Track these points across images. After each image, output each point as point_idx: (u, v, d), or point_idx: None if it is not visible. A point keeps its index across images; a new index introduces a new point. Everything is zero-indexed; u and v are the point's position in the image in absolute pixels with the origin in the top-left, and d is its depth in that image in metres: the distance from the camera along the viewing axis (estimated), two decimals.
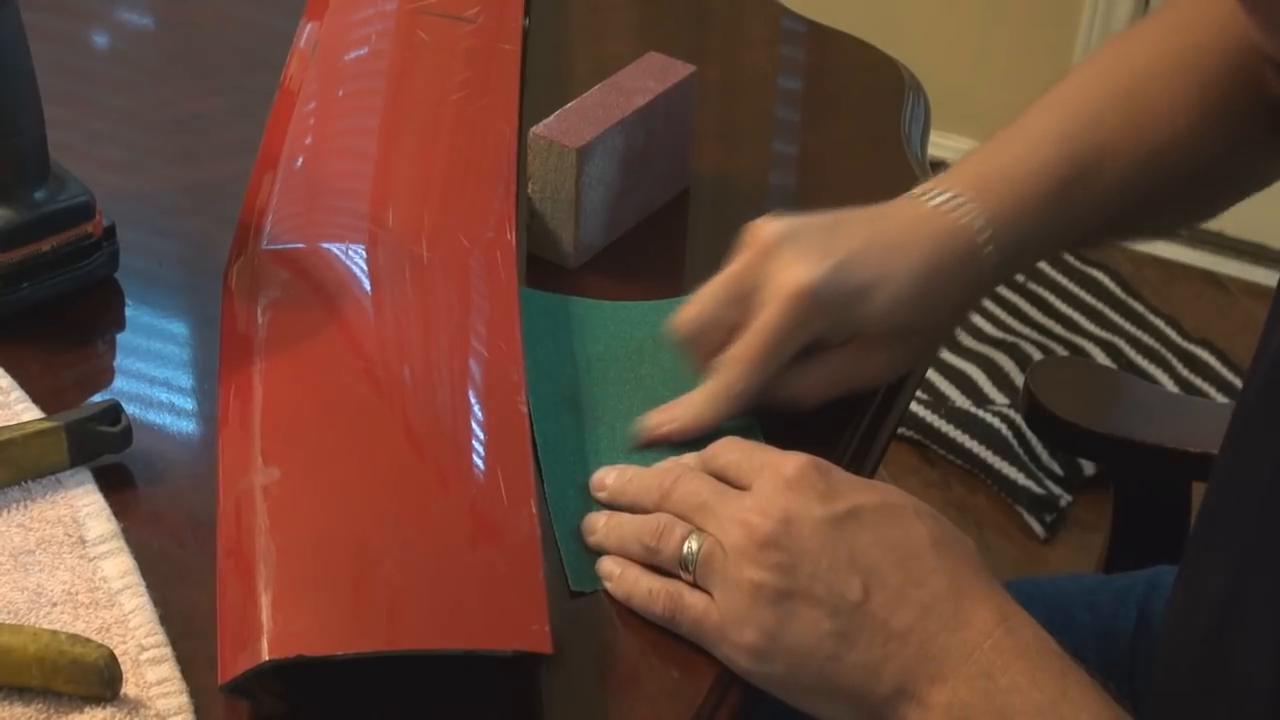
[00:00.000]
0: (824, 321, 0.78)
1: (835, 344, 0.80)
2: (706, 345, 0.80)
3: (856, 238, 0.79)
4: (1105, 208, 0.85)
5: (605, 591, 0.73)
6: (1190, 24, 0.88)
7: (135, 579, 0.71)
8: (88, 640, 0.65)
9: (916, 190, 0.83)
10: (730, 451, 0.74)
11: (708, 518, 0.71)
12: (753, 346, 0.78)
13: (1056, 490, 1.95)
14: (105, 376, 0.84)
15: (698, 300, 0.81)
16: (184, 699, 0.66)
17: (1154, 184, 0.86)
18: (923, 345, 0.84)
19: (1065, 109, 0.87)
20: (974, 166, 0.84)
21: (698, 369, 0.81)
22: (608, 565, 0.73)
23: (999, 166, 0.84)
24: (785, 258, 0.78)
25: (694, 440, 0.79)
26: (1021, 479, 1.94)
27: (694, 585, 0.71)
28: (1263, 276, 2.34)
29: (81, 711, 0.65)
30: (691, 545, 0.71)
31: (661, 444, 0.79)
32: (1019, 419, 1.94)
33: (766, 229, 0.80)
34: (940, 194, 0.82)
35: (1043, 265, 2.31)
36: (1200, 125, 0.86)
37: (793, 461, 0.70)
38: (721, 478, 0.73)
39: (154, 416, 0.80)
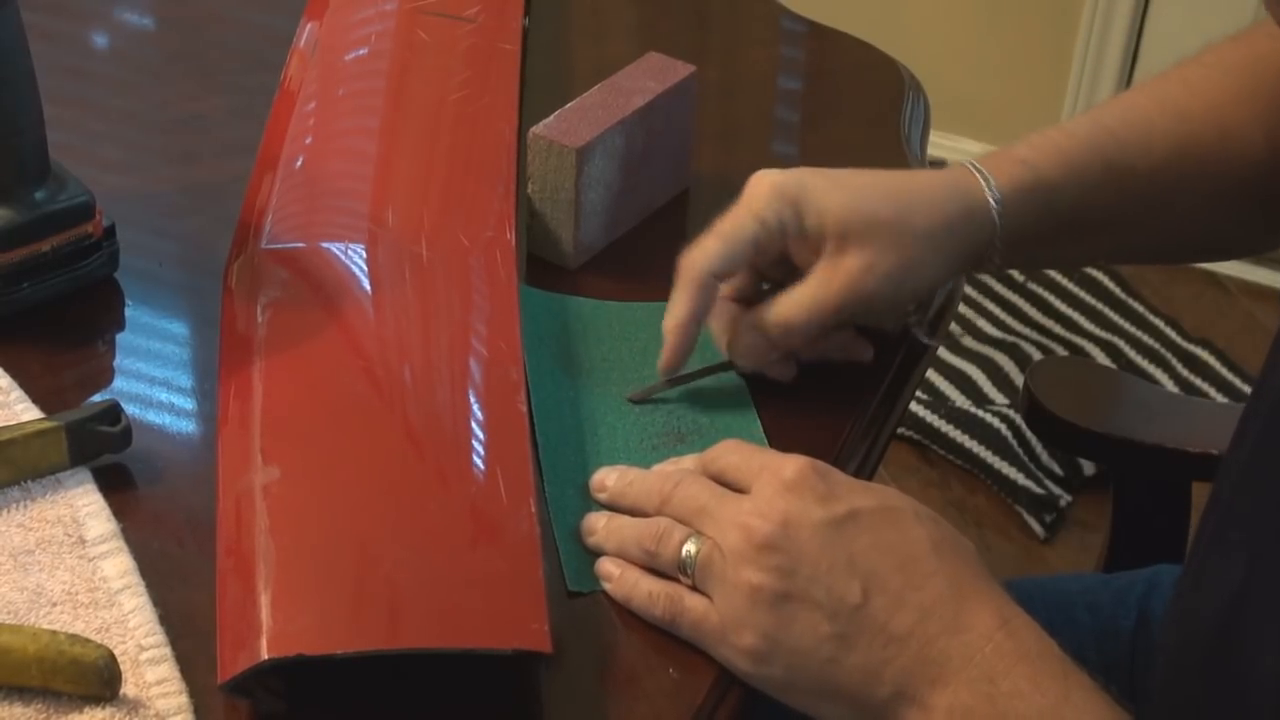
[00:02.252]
0: (782, 206, 0.80)
1: (808, 258, 0.81)
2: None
3: (837, 168, 0.83)
4: (1127, 186, 0.86)
5: (605, 591, 0.73)
6: (1252, 39, 0.89)
7: (135, 579, 0.71)
8: (87, 640, 0.65)
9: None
10: (730, 454, 0.74)
11: (707, 521, 0.71)
12: (712, 230, 0.81)
13: (1056, 490, 1.95)
14: (105, 376, 0.84)
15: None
16: (183, 699, 0.66)
17: (1197, 188, 0.87)
18: (908, 256, 0.81)
19: (1106, 110, 0.88)
20: (999, 150, 0.86)
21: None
22: (607, 566, 0.73)
23: (1022, 149, 0.85)
24: (761, 172, 0.82)
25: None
26: (1021, 479, 1.94)
27: (693, 588, 0.71)
28: (1263, 276, 2.34)
29: (81, 711, 0.65)
30: (690, 548, 0.71)
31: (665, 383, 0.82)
32: (1019, 419, 1.94)
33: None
34: (963, 161, 0.84)
35: None
36: (1253, 131, 0.86)
37: (792, 464, 0.70)
38: (721, 481, 0.73)
39: (154, 416, 0.80)
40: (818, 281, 0.81)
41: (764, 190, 0.80)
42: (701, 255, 0.80)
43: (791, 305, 0.81)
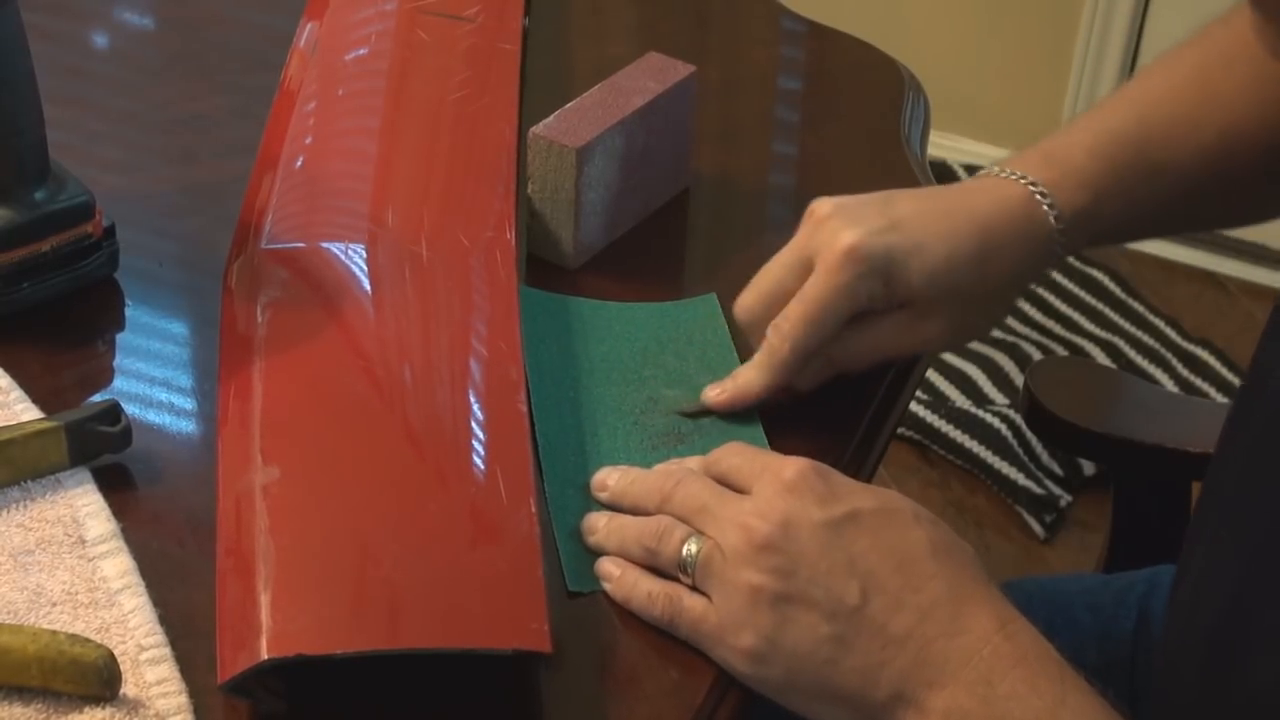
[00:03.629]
0: (873, 282, 0.79)
1: (886, 311, 0.81)
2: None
3: (908, 206, 0.81)
4: (1174, 189, 0.86)
5: (604, 592, 0.73)
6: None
7: (135, 579, 0.71)
8: (87, 640, 0.65)
9: (989, 169, 0.85)
10: (732, 456, 0.74)
11: (708, 520, 0.71)
12: (801, 309, 0.79)
13: (1056, 490, 1.95)
14: (105, 376, 0.84)
15: (755, 281, 0.82)
16: (183, 699, 0.66)
17: (1228, 168, 0.87)
18: (978, 315, 0.85)
19: (1135, 97, 0.88)
20: (1039, 149, 0.86)
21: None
22: (607, 566, 0.73)
23: (1064, 146, 0.85)
24: (837, 224, 0.80)
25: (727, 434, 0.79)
26: (1021, 479, 1.94)
27: (693, 588, 0.71)
28: (1263, 276, 2.34)
29: (81, 711, 0.65)
30: (690, 548, 0.71)
31: (713, 414, 0.81)
32: (1019, 419, 1.94)
33: (822, 204, 0.81)
34: (1000, 171, 0.84)
35: None
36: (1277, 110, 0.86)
37: (793, 465, 0.70)
38: (723, 482, 0.73)
39: (154, 416, 0.80)
40: (894, 335, 0.81)
41: (854, 260, 0.78)
42: (794, 332, 0.79)
43: (866, 351, 0.82)
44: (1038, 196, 0.83)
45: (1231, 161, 0.87)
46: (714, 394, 0.82)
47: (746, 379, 0.81)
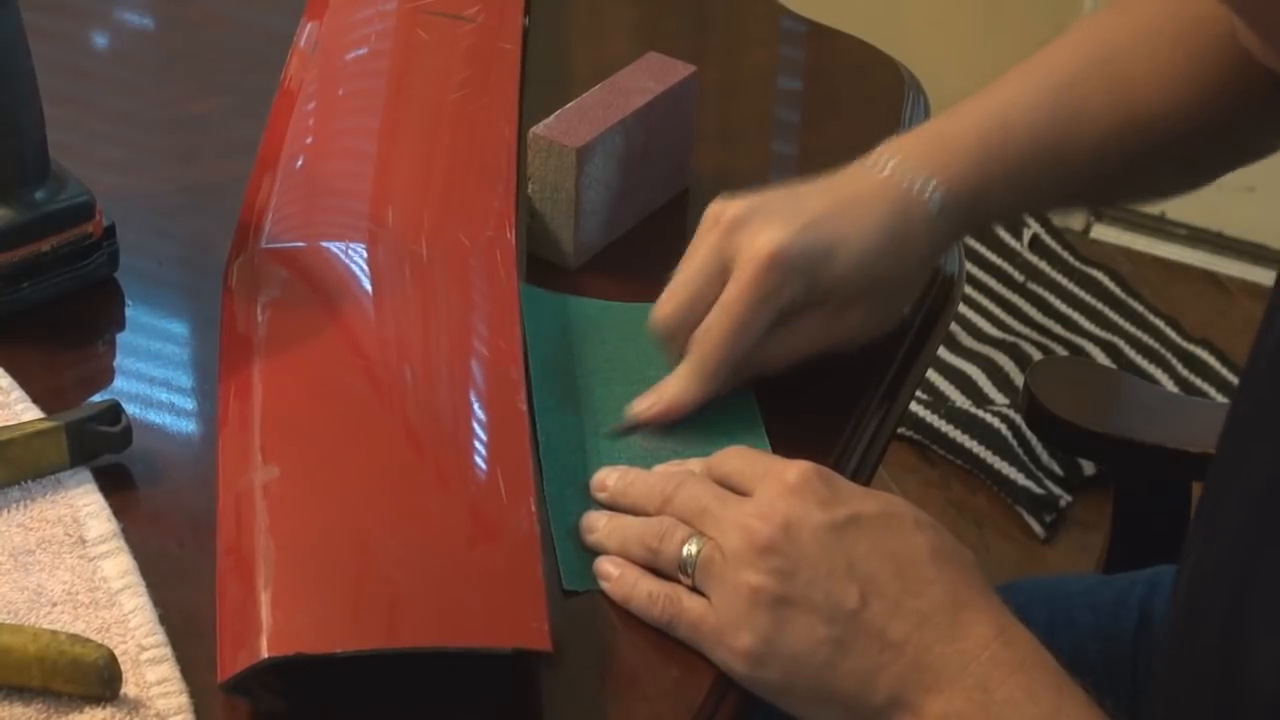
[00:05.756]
0: (797, 284, 0.78)
1: (805, 309, 0.80)
2: (692, 330, 0.80)
3: (817, 203, 0.80)
4: (1077, 173, 0.85)
5: (601, 591, 0.73)
6: None
7: (135, 579, 0.71)
8: (87, 640, 0.65)
9: (869, 156, 0.84)
10: (735, 459, 0.74)
11: (708, 522, 0.71)
12: (728, 316, 0.78)
13: (1056, 490, 1.95)
14: (105, 376, 0.84)
15: (672, 290, 0.81)
16: (183, 699, 0.66)
17: (1136, 152, 0.86)
18: (895, 300, 0.85)
19: (1038, 76, 0.87)
20: (932, 130, 0.85)
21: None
22: (606, 566, 0.73)
23: (957, 132, 0.84)
24: (753, 227, 0.79)
25: (690, 434, 0.79)
26: (1021, 479, 1.94)
27: (693, 589, 0.71)
28: (1263, 276, 2.33)
29: (81, 711, 0.65)
30: (691, 549, 0.71)
31: (647, 428, 0.80)
32: (1019, 419, 1.94)
33: (729, 206, 0.80)
34: (889, 160, 0.82)
35: (1043, 265, 2.31)
36: (1193, 94, 0.85)
37: (795, 468, 0.70)
38: (726, 484, 0.73)
39: (154, 416, 0.80)
40: (817, 332, 0.81)
41: (776, 265, 0.77)
42: (721, 342, 0.79)
43: (790, 350, 0.81)
44: (924, 195, 0.81)
45: (1133, 148, 0.86)
46: (643, 407, 0.80)
47: (677, 390, 0.80)
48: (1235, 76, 0.84)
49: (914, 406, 2.01)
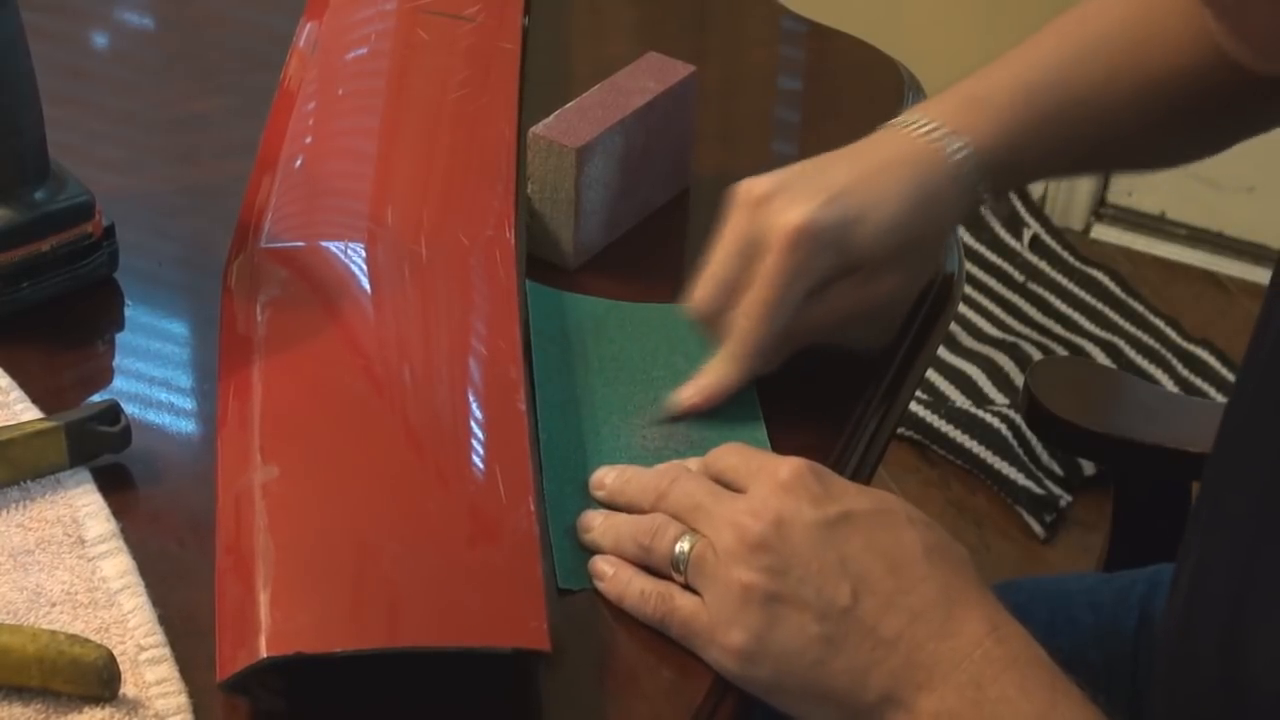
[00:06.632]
0: (828, 257, 0.79)
1: (839, 278, 0.80)
2: (728, 313, 0.81)
3: (842, 174, 0.81)
4: (1100, 133, 0.86)
5: (596, 590, 0.73)
6: None
7: (134, 579, 0.71)
8: (86, 640, 0.65)
9: (897, 119, 0.85)
10: (729, 456, 0.74)
11: (702, 519, 0.71)
12: (763, 294, 0.79)
13: (1056, 490, 1.95)
14: (105, 376, 0.84)
15: (705, 274, 0.81)
16: (183, 699, 0.66)
17: (1156, 113, 0.87)
18: (925, 260, 0.87)
19: (1064, 35, 0.88)
20: (961, 92, 0.85)
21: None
22: (600, 565, 0.73)
23: (985, 91, 0.85)
24: (779, 204, 0.79)
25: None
26: (1021, 479, 1.94)
27: (686, 587, 0.71)
28: (1263, 276, 2.33)
29: (80, 711, 0.65)
30: (683, 546, 0.71)
31: (690, 415, 0.81)
32: (1019, 419, 1.94)
33: (755, 184, 0.80)
34: (921, 123, 0.83)
35: (1043, 265, 2.31)
36: (1211, 56, 0.85)
37: (788, 465, 0.70)
38: (720, 481, 0.73)
39: (154, 416, 0.80)
40: (851, 299, 0.81)
41: (807, 238, 0.78)
42: (755, 326, 0.79)
43: (827, 319, 0.81)
44: (956, 154, 0.82)
45: (1158, 109, 0.86)
46: (688, 394, 0.81)
47: (720, 372, 0.80)
48: None
49: (914, 406, 2.01)
